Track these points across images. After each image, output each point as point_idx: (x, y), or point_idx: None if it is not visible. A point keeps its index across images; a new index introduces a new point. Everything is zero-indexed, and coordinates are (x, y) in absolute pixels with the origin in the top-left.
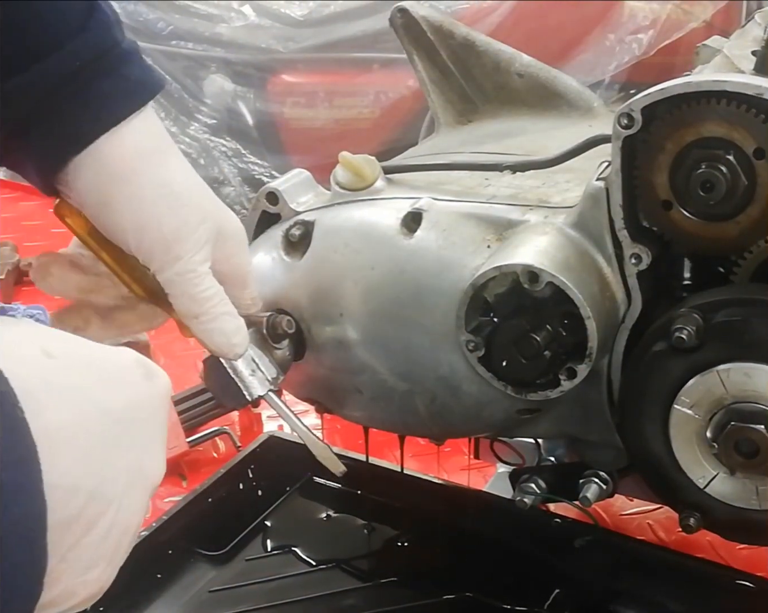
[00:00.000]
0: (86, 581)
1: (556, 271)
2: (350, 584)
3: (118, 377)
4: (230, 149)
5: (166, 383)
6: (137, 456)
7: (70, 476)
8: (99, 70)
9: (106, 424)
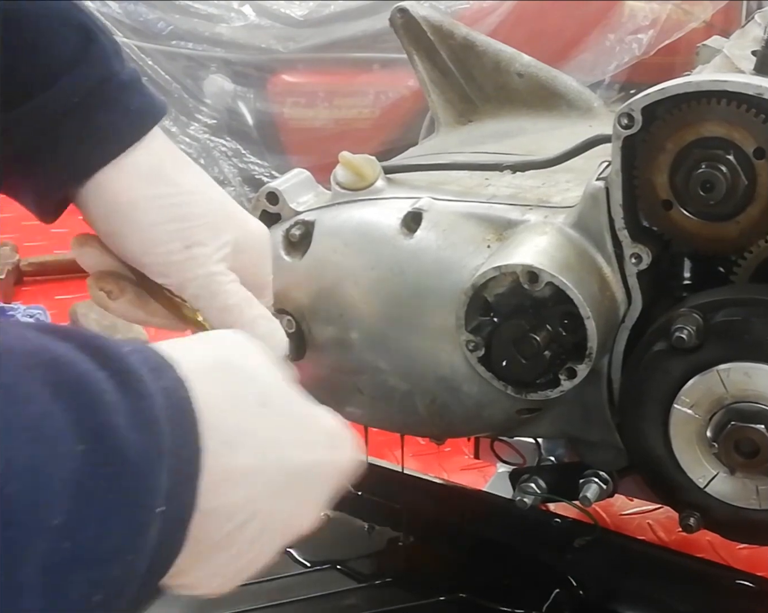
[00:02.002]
0: (209, 583)
1: (555, 271)
2: (349, 585)
3: (306, 438)
4: (230, 149)
5: (344, 456)
6: (288, 509)
7: (231, 508)
8: (97, 103)
9: (278, 475)
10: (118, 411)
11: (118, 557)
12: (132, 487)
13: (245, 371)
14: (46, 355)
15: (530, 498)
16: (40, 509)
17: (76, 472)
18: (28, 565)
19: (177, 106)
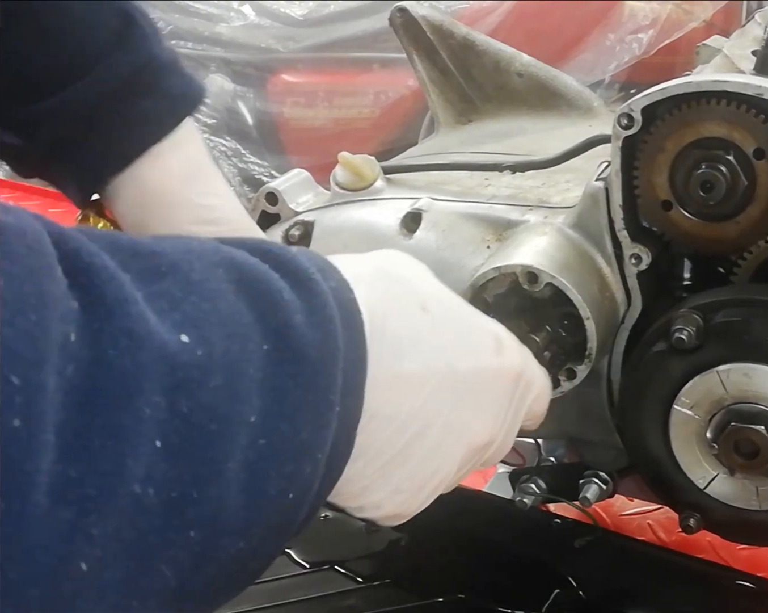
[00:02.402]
0: (393, 501)
1: (555, 271)
2: (348, 585)
3: (472, 341)
4: (230, 149)
5: (515, 362)
6: (467, 416)
7: (405, 414)
8: (137, 88)
9: (449, 378)
10: (296, 309)
11: (308, 454)
12: (313, 384)
13: (405, 278)
14: (225, 255)
15: (530, 499)
16: (239, 404)
17: (264, 369)
18: (233, 460)
19: None
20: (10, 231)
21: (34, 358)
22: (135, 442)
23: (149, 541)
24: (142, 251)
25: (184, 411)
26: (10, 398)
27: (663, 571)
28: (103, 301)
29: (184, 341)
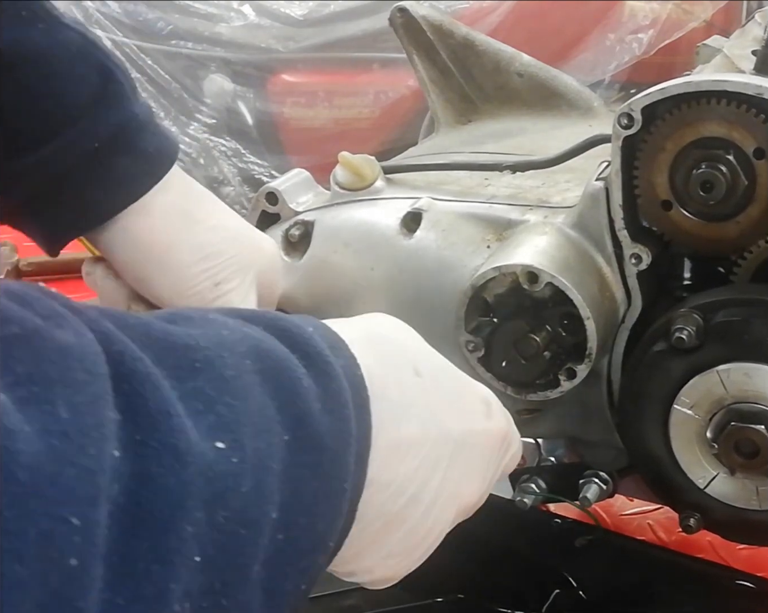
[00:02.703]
0: (384, 565)
1: (555, 271)
2: (347, 586)
3: (463, 406)
4: (230, 149)
5: (502, 424)
6: (459, 478)
7: (401, 478)
8: (118, 147)
9: (442, 444)
10: (314, 397)
11: (322, 544)
12: (330, 474)
13: (397, 341)
14: (250, 342)
15: (530, 498)
16: (265, 504)
17: (284, 461)
18: (257, 561)
19: (177, 105)
20: (71, 354)
21: (92, 494)
22: (178, 564)
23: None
24: (176, 344)
25: (220, 521)
26: (70, 539)
27: (663, 571)
28: (146, 411)
29: (219, 447)
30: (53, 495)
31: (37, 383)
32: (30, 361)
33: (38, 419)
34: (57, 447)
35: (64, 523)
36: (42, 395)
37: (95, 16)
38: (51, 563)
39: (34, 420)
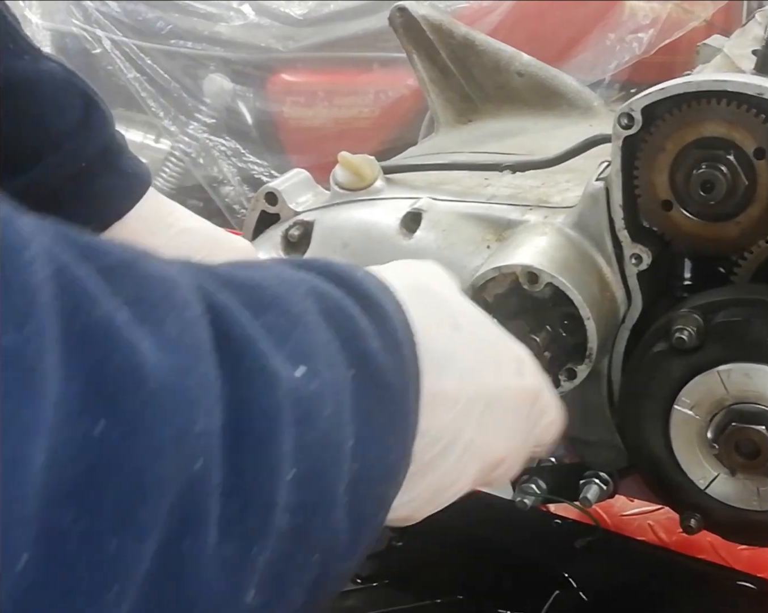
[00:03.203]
0: (406, 507)
1: (555, 271)
2: (347, 586)
3: (497, 361)
4: (229, 149)
5: (534, 383)
6: (484, 434)
7: (437, 430)
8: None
9: (476, 397)
10: (372, 336)
11: (393, 475)
12: (395, 408)
13: (438, 295)
14: (307, 284)
15: (530, 499)
16: (343, 431)
17: (353, 395)
18: (342, 482)
19: (176, 105)
20: (170, 280)
21: (209, 405)
22: (280, 473)
23: (286, 566)
24: (244, 284)
25: (308, 441)
26: (196, 442)
27: (664, 572)
28: (233, 339)
29: (301, 373)
30: (179, 403)
31: (145, 303)
32: (134, 285)
33: (152, 336)
34: (173, 360)
35: (191, 426)
36: (150, 314)
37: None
38: (182, 464)
39: (147, 334)
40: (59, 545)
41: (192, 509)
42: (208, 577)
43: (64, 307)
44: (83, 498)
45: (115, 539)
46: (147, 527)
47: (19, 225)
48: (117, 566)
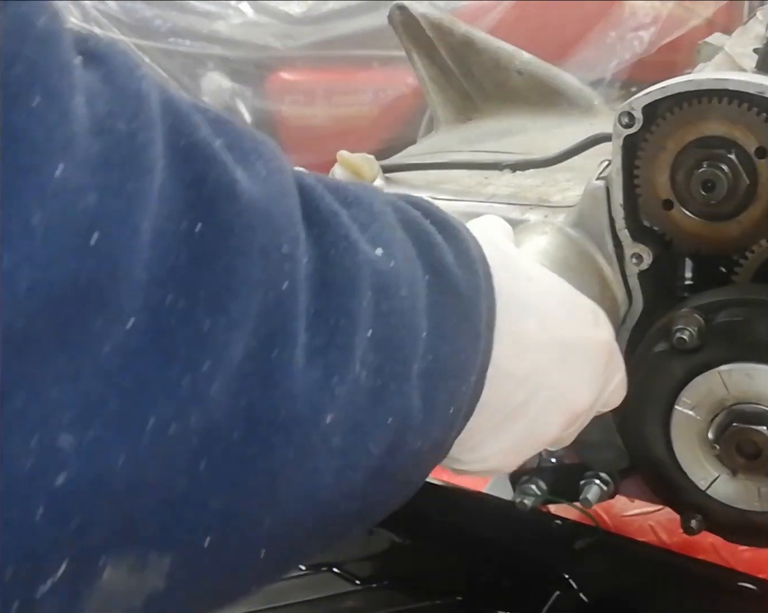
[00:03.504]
0: (497, 457)
1: (555, 271)
2: (347, 587)
3: (574, 312)
4: None
5: (608, 334)
6: (571, 380)
7: (524, 372)
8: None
9: (558, 344)
10: (447, 251)
11: (465, 374)
12: (466, 315)
13: (510, 251)
14: (389, 199)
15: (530, 500)
16: (418, 317)
17: (427, 296)
18: (416, 364)
19: None
20: (257, 138)
21: (294, 236)
22: (358, 325)
23: (362, 419)
24: (328, 183)
25: (385, 310)
26: (281, 265)
27: (664, 573)
28: (318, 211)
29: (378, 254)
30: (268, 222)
31: (238, 149)
32: (231, 134)
33: (244, 171)
34: (264, 191)
35: (277, 249)
36: (242, 156)
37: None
38: (270, 278)
39: (243, 170)
40: (160, 318)
41: (280, 327)
42: (293, 391)
43: (171, 125)
44: (181, 282)
45: (209, 321)
46: (237, 319)
47: (132, 57)
48: (210, 344)
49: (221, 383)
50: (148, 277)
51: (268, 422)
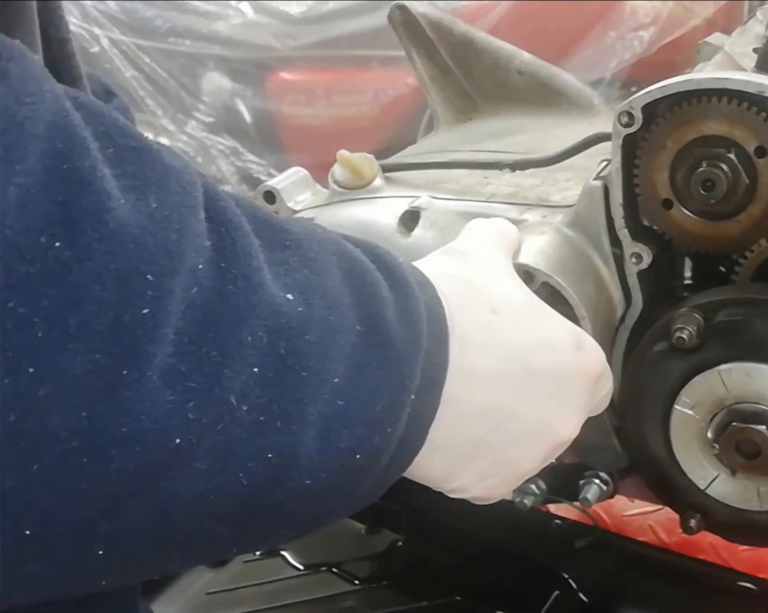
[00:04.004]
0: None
1: (551, 271)
2: (346, 587)
3: (550, 341)
4: (228, 147)
5: (594, 359)
6: (549, 412)
7: (481, 407)
8: None
9: (525, 377)
10: (390, 306)
11: (379, 425)
12: (394, 369)
13: (475, 283)
14: (341, 247)
15: (530, 499)
16: (327, 363)
17: (353, 345)
18: (314, 408)
19: (174, 104)
20: (172, 172)
21: (169, 267)
22: (235, 358)
23: (235, 448)
24: (274, 225)
25: (281, 352)
26: (144, 291)
27: (664, 572)
28: (233, 249)
29: (289, 298)
30: (133, 250)
31: (138, 179)
32: (137, 165)
33: (132, 200)
34: (143, 221)
35: (140, 275)
36: (140, 187)
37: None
38: (125, 301)
39: (129, 199)
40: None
41: (133, 348)
42: (138, 409)
43: (57, 149)
44: (26, 291)
45: (44, 330)
46: (76, 333)
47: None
48: (39, 351)
49: (52, 390)
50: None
51: (109, 435)
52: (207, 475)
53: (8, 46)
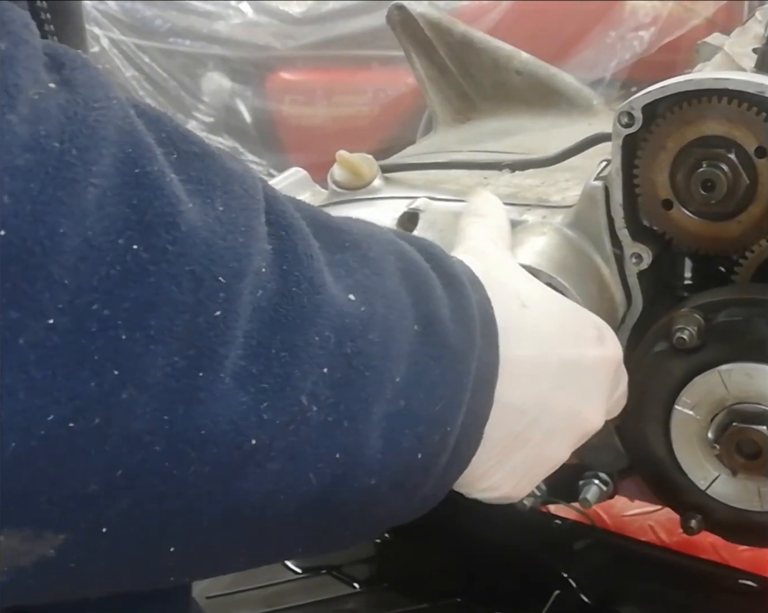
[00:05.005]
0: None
1: (553, 272)
2: (345, 590)
3: (575, 332)
4: (228, 147)
5: (614, 350)
6: (578, 402)
7: (521, 400)
8: None
9: (558, 368)
10: (445, 305)
11: (439, 424)
12: (451, 367)
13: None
14: (397, 246)
15: (530, 500)
16: (389, 362)
17: (412, 344)
18: (378, 407)
19: (174, 104)
20: (234, 176)
21: (238, 270)
22: (304, 358)
23: (305, 449)
24: (333, 227)
25: (347, 351)
26: (216, 293)
27: (664, 572)
28: (294, 252)
29: (351, 298)
30: (205, 252)
31: (203, 183)
32: (201, 170)
33: (199, 204)
34: (211, 224)
35: (212, 277)
36: (205, 191)
37: (92, 13)
38: (200, 303)
39: (197, 203)
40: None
41: (208, 350)
42: (215, 410)
43: (128, 154)
44: (109, 293)
45: (126, 332)
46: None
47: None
48: (123, 354)
49: (135, 393)
50: (76, 282)
51: (188, 437)
52: (278, 475)
53: (72, 56)
